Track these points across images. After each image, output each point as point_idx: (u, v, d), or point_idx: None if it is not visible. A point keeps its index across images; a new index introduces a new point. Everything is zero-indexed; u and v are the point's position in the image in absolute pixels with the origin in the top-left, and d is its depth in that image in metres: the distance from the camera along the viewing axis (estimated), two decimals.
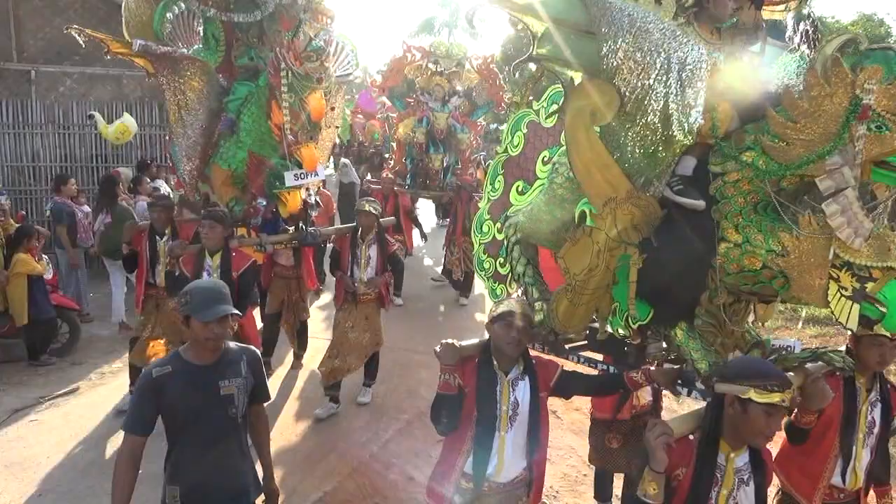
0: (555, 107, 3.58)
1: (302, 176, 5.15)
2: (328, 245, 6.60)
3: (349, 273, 5.54)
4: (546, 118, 3.82)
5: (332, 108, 5.42)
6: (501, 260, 3.91)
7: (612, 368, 3.31)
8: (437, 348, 2.90)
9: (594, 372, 3.39)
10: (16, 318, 6.28)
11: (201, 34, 5.24)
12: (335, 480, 4.59)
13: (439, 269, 10.01)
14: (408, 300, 8.91)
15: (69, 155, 10.65)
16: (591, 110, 2.60)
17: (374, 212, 5.56)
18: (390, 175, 9.87)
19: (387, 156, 12.48)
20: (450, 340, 2.91)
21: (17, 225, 6.80)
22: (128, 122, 9.12)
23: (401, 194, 9.26)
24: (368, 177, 12.98)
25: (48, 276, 6.66)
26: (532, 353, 3.07)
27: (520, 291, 3.74)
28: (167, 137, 10.44)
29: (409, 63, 9.60)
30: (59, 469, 4.66)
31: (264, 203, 5.55)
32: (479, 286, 9.85)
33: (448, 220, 9.92)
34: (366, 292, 5.54)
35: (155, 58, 4.96)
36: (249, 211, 5.54)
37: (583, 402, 5.98)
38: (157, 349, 5.25)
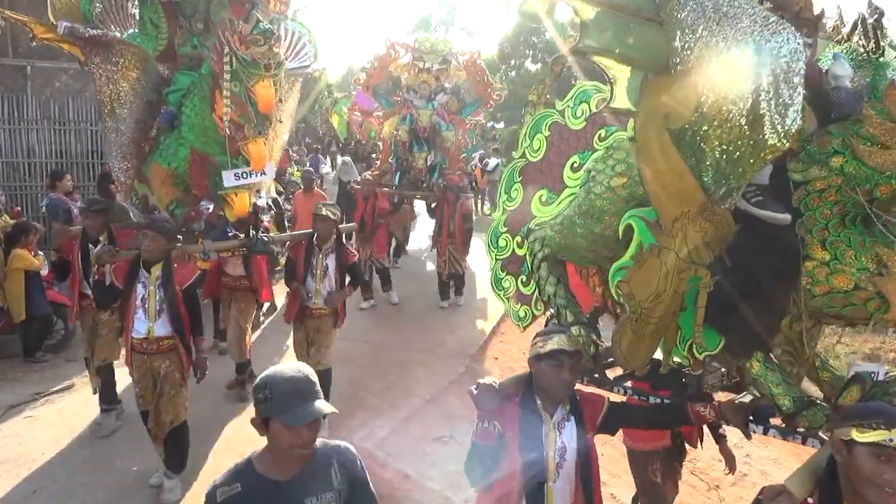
0: (584, 107, 3.37)
1: (244, 175, 4.55)
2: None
3: (304, 283, 5.11)
4: (574, 119, 3.46)
5: (282, 101, 4.68)
6: (524, 278, 3.58)
7: (653, 397, 3.02)
8: (473, 390, 2.53)
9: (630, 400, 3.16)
10: (13, 314, 6.26)
11: (136, 17, 4.84)
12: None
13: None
14: (403, 299, 8.91)
15: (65, 151, 10.60)
16: (664, 111, 2.26)
17: (332, 217, 5.07)
18: (369, 176, 9.46)
19: (374, 155, 12.17)
20: (487, 380, 2.55)
21: (13, 221, 6.78)
22: None
23: (381, 196, 8.84)
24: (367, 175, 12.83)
25: (44, 272, 6.64)
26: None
27: (548, 314, 3.45)
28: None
29: (393, 60, 9.29)
30: (54, 465, 4.66)
31: (209, 206, 5.04)
32: (479, 290, 9.85)
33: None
34: (320, 308, 5.13)
35: (83, 43, 4.46)
36: (191, 215, 5.05)
37: None
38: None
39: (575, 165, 3.37)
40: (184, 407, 4.30)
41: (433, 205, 9.14)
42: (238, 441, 4.98)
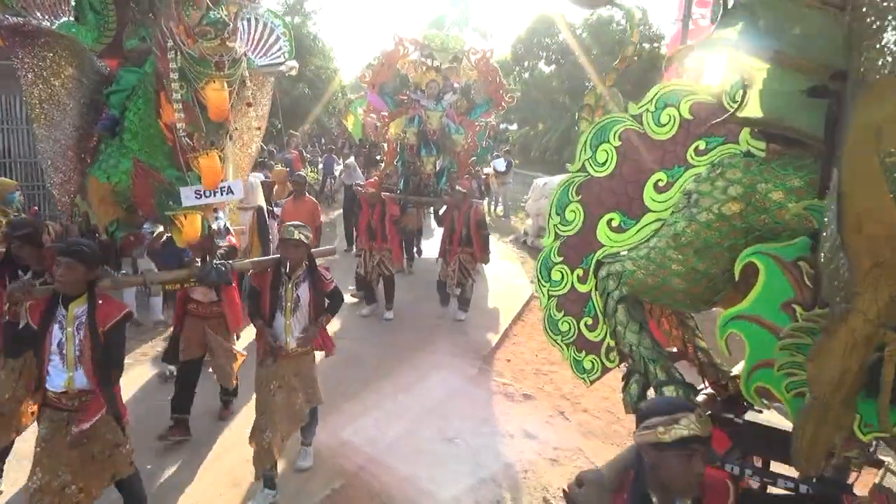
0: (671, 112, 2.85)
1: (207, 194, 3.83)
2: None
3: (272, 319, 4.33)
4: (657, 127, 2.90)
5: (249, 105, 3.92)
6: (589, 320, 3.06)
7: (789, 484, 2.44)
8: (575, 487, 2.15)
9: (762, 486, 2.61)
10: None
11: (72, 3, 4.19)
12: (341, 480, 4.59)
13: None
14: (416, 301, 8.90)
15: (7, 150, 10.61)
16: (878, 129, 1.72)
17: (304, 241, 4.25)
18: (372, 180, 8.88)
19: (378, 158, 11.76)
20: (590, 472, 2.18)
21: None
22: None
23: (389, 201, 8.13)
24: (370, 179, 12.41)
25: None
26: None
27: (624, 366, 3.01)
28: None
29: (401, 57, 8.76)
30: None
31: (153, 229, 4.23)
32: (490, 291, 9.83)
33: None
34: (294, 349, 4.36)
35: (4, 32, 3.72)
36: (129, 240, 4.20)
37: (591, 403, 5.99)
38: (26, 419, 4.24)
39: (661, 184, 2.85)
40: (128, 462, 3.60)
41: (441, 211, 8.57)
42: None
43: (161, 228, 4.40)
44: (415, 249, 11.04)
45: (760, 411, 2.66)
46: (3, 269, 4.09)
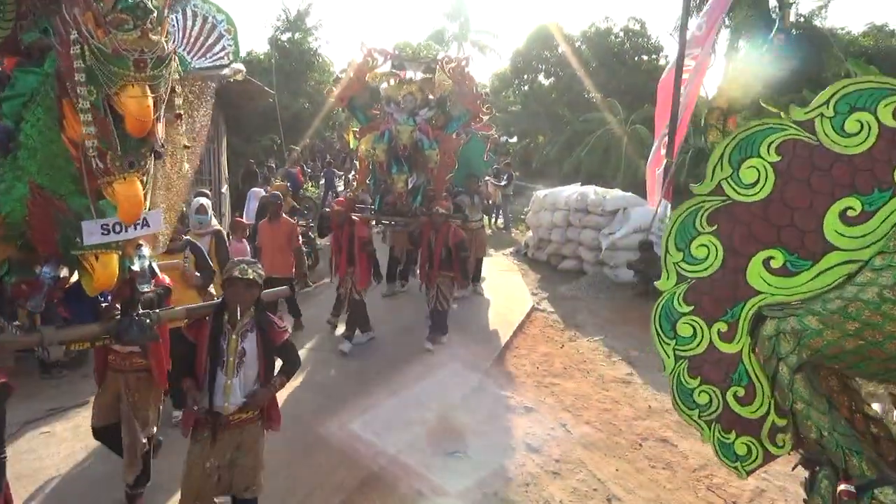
0: (864, 118, 2.26)
1: (114, 229, 3.02)
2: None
3: (211, 378, 3.45)
4: (840, 138, 2.30)
5: (179, 117, 3.03)
6: (740, 391, 2.47)
7: None
8: None
9: None
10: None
11: None
12: (342, 495, 4.57)
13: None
14: (418, 314, 8.87)
15: None
16: None
17: (255, 279, 3.51)
18: (334, 203, 8.24)
19: (350, 176, 11.27)
20: None
21: None
22: None
23: (359, 223, 7.54)
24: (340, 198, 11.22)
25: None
26: None
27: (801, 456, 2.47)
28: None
29: (370, 69, 8.20)
30: (69, 481, 4.68)
31: (51, 274, 3.22)
32: (491, 302, 9.83)
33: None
34: (238, 416, 3.53)
35: None
36: (20, 289, 3.23)
37: (593, 416, 5.97)
38: None
39: (852, 214, 2.26)
40: None
41: (415, 232, 8.01)
42: None
43: (66, 272, 3.35)
44: (399, 269, 10.17)
45: None
46: None
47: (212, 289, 5.54)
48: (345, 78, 8.13)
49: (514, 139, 42.57)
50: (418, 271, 7.94)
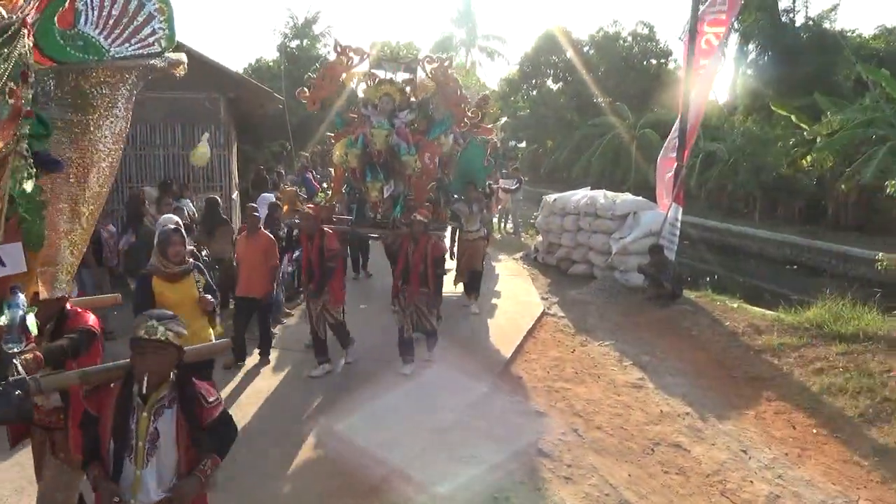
0: None
1: None
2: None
3: (116, 467, 2.62)
4: None
5: (24, 115, 2.23)
6: None
7: None
8: None
9: None
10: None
11: None
12: (353, 500, 4.57)
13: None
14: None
15: None
16: None
17: (171, 341, 2.59)
18: (313, 207, 7.47)
19: (324, 185, 10.39)
20: None
21: None
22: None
23: (330, 235, 6.74)
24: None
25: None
26: None
27: None
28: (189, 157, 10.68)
29: (345, 69, 7.58)
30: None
31: None
32: (501, 307, 9.81)
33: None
34: None
35: None
36: None
37: (604, 421, 5.95)
38: None
39: None
40: None
41: (392, 244, 7.29)
42: None
43: None
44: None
45: None
46: None
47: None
48: (317, 78, 7.46)
49: (523, 144, 42.61)
50: (392, 289, 7.06)
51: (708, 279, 14.65)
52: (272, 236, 7.26)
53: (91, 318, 3.25)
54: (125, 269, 7.73)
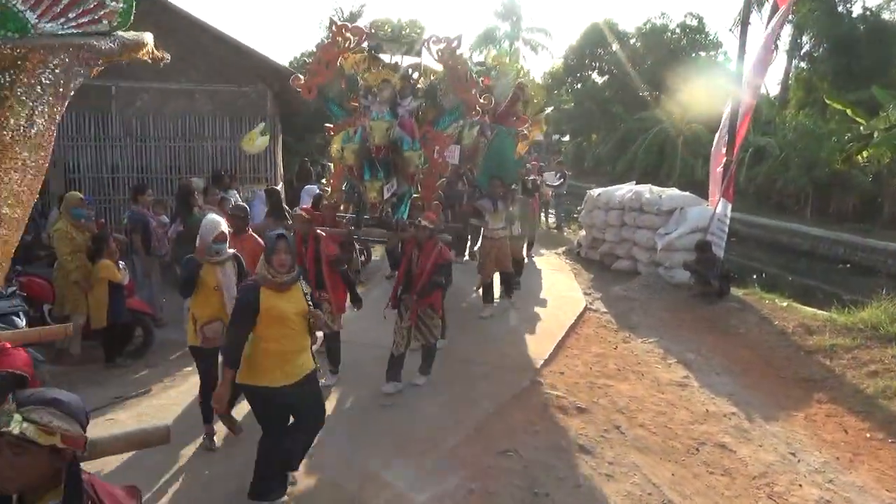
0: None
1: None
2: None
3: None
4: None
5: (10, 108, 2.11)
6: None
7: None
8: None
9: None
10: (95, 321, 6.58)
11: None
12: (394, 492, 4.58)
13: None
14: (466, 308, 8.86)
15: (146, 166, 11.15)
16: None
17: (34, 436, 1.68)
18: (299, 212, 6.56)
19: (322, 181, 9.36)
20: None
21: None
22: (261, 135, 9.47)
23: (325, 239, 6.07)
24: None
25: (125, 281, 6.95)
26: None
27: None
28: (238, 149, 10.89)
29: (342, 51, 6.57)
30: (130, 467, 4.82)
31: None
32: (541, 302, 9.73)
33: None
34: None
35: None
36: None
37: (648, 419, 5.86)
38: None
39: None
40: None
41: (394, 250, 6.62)
42: None
43: None
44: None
45: None
46: None
47: None
48: (313, 63, 6.46)
49: (567, 138, 42.22)
50: (390, 296, 6.31)
51: (755, 277, 14.30)
52: (259, 239, 6.36)
53: (21, 359, 2.72)
54: (173, 257, 7.90)
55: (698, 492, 4.75)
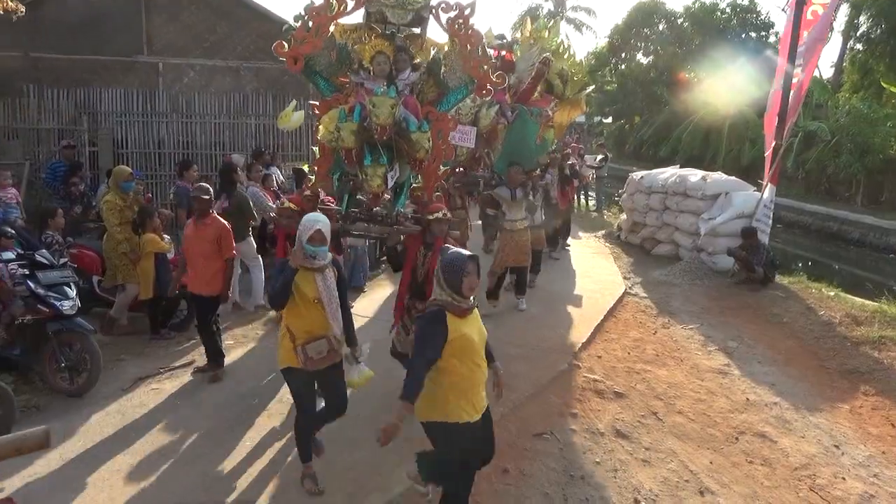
0: None
1: None
2: None
3: None
4: None
5: None
6: None
7: None
8: None
9: None
10: (141, 292, 6.75)
11: None
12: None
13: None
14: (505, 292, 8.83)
15: (191, 142, 11.35)
16: None
17: None
18: (286, 202, 6.05)
19: (305, 167, 8.45)
20: None
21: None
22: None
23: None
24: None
25: (170, 255, 7.10)
26: None
27: None
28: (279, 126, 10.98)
29: (335, 16, 5.57)
30: (174, 434, 4.97)
31: None
32: (579, 284, 9.63)
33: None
34: None
35: None
36: None
37: (686, 406, 5.79)
38: None
39: None
40: None
41: (396, 247, 5.51)
42: None
43: None
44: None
45: None
46: None
47: None
48: (300, 29, 5.53)
49: (609, 120, 41.55)
50: (395, 304, 5.58)
51: (801, 265, 13.94)
52: (225, 222, 6.14)
53: None
54: None
55: (736, 480, 4.68)
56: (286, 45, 5.42)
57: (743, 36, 32.82)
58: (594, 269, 10.53)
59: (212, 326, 6.06)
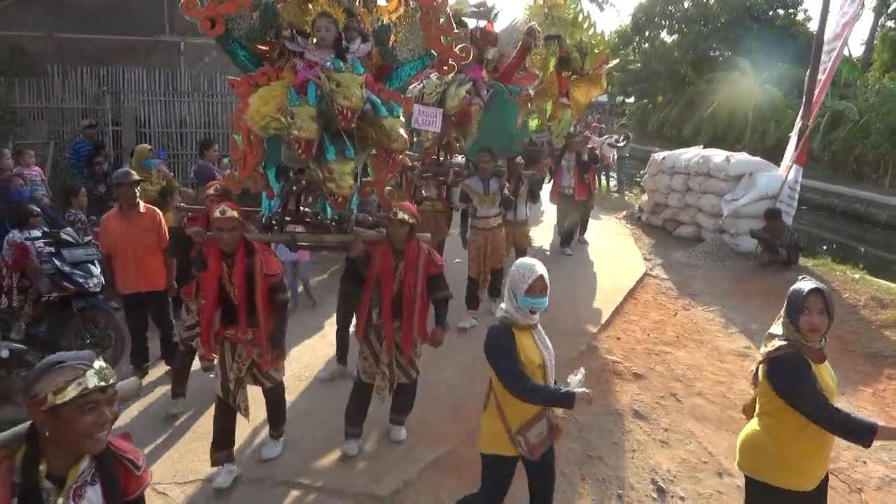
0: None
1: None
2: None
3: None
4: None
5: None
6: None
7: None
8: None
9: None
10: None
11: None
12: (446, 446, 4.66)
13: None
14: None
15: (212, 121, 11.43)
16: None
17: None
18: (209, 205, 4.69)
19: (226, 159, 7.85)
20: None
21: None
22: None
23: (261, 250, 4.12)
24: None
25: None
26: None
27: None
28: None
29: None
30: (205, 417, 5.06)
31: None
32: (599, 266, 9.60)
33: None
34: None
35: None
36: None
37: (706, 387, 5.76)
38: None
39: None
40: None
41: (362, 260, 4.42)
42: None
43: None
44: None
45: None
46: None
47: None
48: None
49: (632, 99, 40.99)
50: (354, 323, 4.92)
51: (826, 247, 13.73)
52: (158, 210, 5.68)
53: None
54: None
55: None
56: (200, 1, 4.04)
57: (770, 13, 32.08)
58: (614, 250, 10.47)
59: (170, 323, 5.81)
